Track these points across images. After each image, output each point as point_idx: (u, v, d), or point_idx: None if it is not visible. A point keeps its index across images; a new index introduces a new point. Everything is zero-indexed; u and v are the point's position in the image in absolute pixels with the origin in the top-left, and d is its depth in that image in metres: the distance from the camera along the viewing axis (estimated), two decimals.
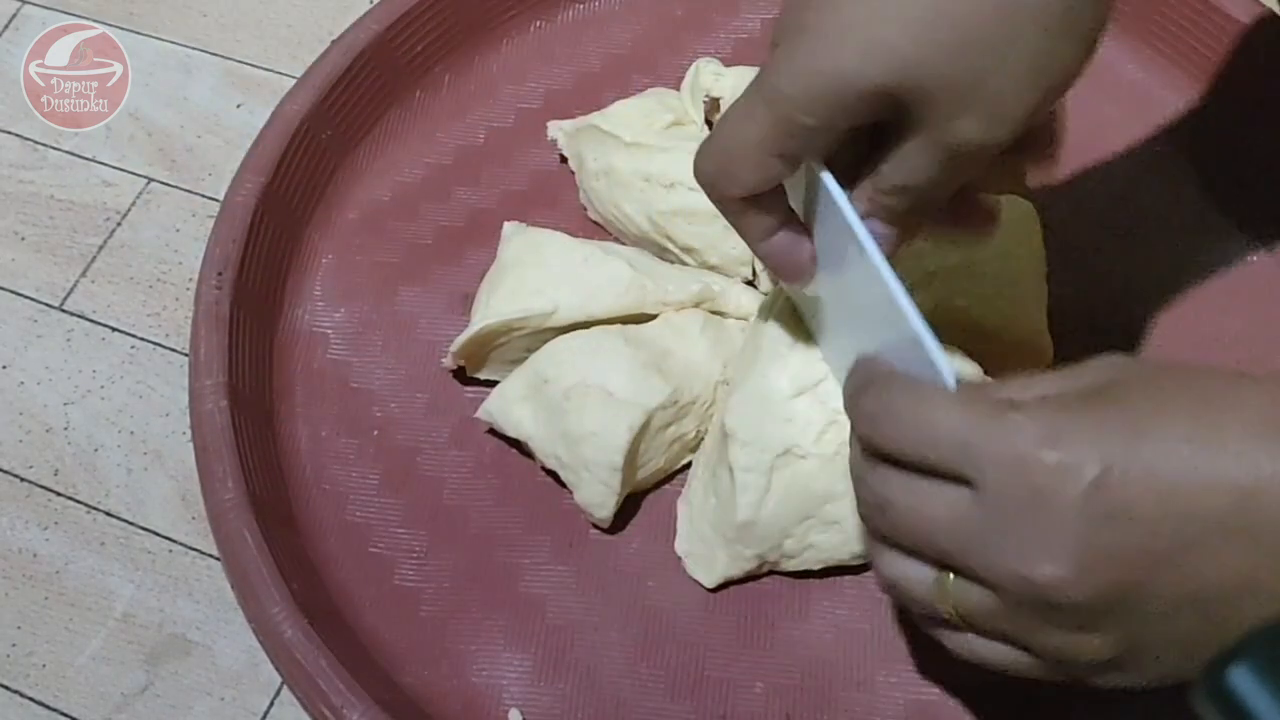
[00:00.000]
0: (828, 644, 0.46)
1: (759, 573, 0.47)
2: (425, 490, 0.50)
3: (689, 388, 0.48)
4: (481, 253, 0.54)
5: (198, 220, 0.71)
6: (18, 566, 0.60)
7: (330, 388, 0.52)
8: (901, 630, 0.46)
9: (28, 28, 0.78)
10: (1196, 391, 0.34)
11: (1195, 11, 0.56)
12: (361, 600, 0.47)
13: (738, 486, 0.44)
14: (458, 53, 0.60)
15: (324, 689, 0.42)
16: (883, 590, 0.39)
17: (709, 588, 0.47)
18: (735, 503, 0.44)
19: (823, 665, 0.46)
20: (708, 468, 0.47)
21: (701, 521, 0.47)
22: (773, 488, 0.44)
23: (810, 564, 0.46)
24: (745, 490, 0.44)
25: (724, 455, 0.45)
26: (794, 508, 0.45)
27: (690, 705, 0.45)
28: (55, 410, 0.65)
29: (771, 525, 0.45)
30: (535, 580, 0.48)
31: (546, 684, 0.46)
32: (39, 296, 0.68)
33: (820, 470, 0.44)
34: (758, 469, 0.44)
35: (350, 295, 0.55)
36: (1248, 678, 0.27)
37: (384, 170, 0.58)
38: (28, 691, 0.57)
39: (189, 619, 0.58)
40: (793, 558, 0.46)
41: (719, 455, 0.46)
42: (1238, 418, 0.33)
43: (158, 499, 0.62)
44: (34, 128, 0.74)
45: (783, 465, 0.44)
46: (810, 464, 0.44)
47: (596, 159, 0.53)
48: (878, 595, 0.47)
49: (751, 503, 0.44)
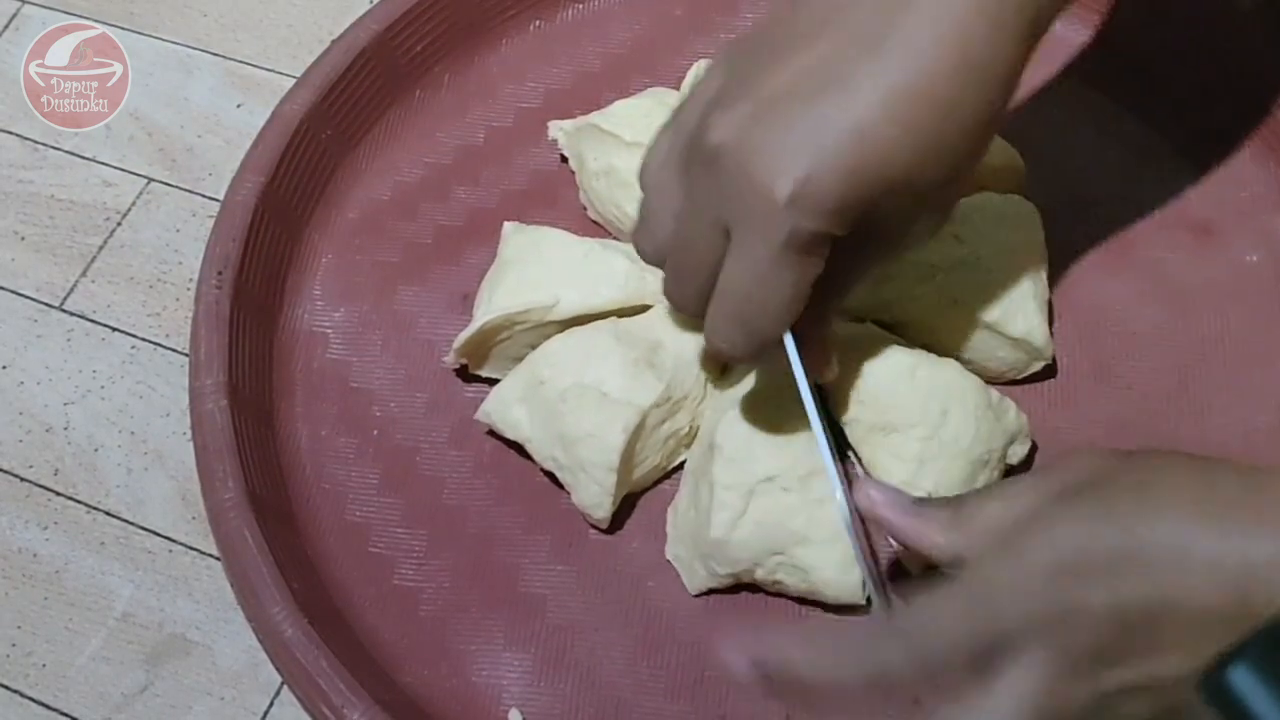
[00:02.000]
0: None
1: (740, 585, 0.47)
2: (425, 490, 0.50)
3: (681, 382, 0.48)
4: (481, 252, 0.54)
5: (198, 220, 0.71)
6: (18, 566, 0.60)
7: (330, 387, 0.52)
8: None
9: (28, 28, 0.78)
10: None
11: None
12: (361, 600, 0.47)
13: (714, 503, 0.44)
14: (457, 52, 0.60)
15: (324, 688, 0.42)
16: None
17: (692, 594, 0.47)
18: (710, 519, 0.44)
19: None
20: (693, 477, 0.47)
21: (684, 530, 0.47)
22: (749, 512, 0.44)
23: (787, 591, 0.46)
24: (722, 508, 0.44)
25: (707, 468, 0.45)
26: (766, 538, 0.44)
27: (689, 705, 0.45)
28: (55, 410, 0.65)
29: (742, 550, 0.44)
30: (535, 580, 0.48)
31: (546, 684, 0.46)
32: (39, 296, 0.68)
33: (799, 508, 0.44)
34: (737, 489, 0.44)
35: (350, 295, 0.55)
36: (1248, 678, 0.27)
37: (384, 170, 0.58)
38: (28, 691, 0.57)
39: (189, 619, 0.58)
40: (766, 583, 0.46)
41: (703, 468, 0.46)
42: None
43: (158, 499, 0.62)
44: (34, 128, 0.74)
45: (763, 492, 0.44)
46: (791, 499, 0.44)
47: (597, 159, 0.53)
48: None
49: (724, 521, 0.44)
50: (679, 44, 0.61)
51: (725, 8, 0.62)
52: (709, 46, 0.60)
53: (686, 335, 0.48)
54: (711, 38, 0.61)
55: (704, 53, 0.58)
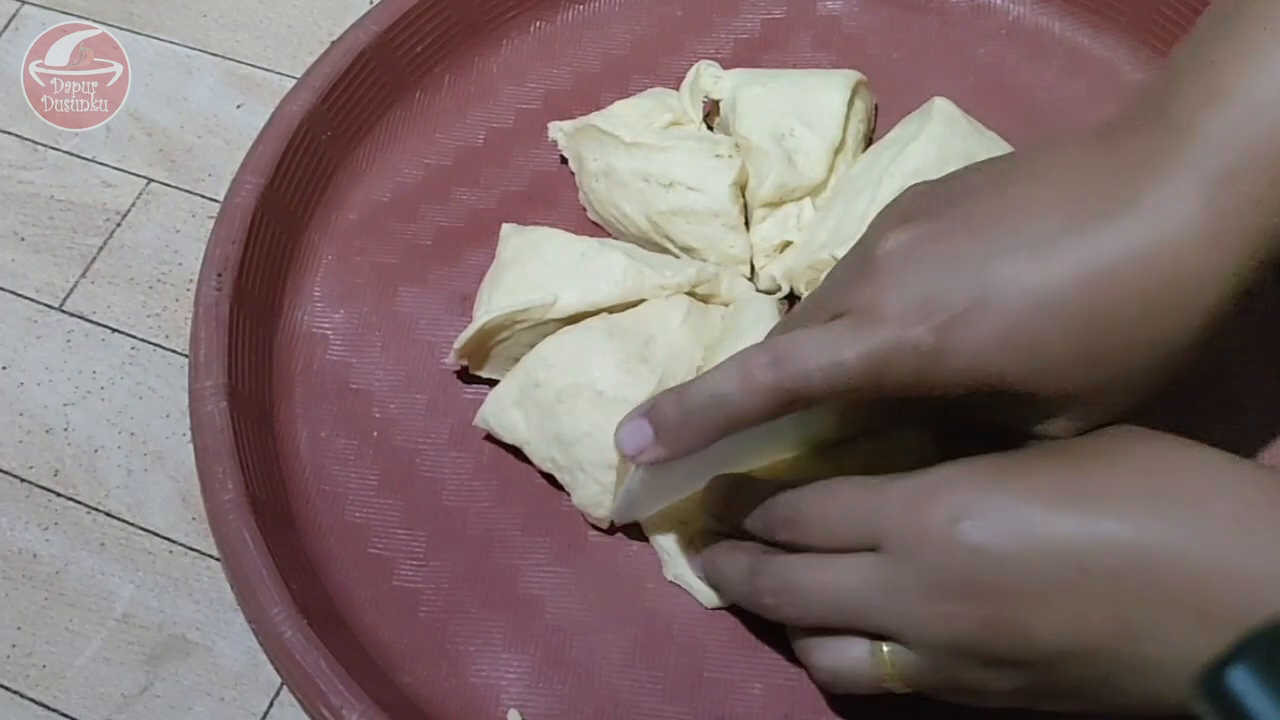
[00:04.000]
0: None
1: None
2: (425, 491, 0.50)
3: (674, 374, 0.48)
4: (481, 253, 0.54)
5: (198, 221, 0.71)
6: (18, 567, 0.60)
7: (330, 389, 0.52)
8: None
9: (28, 28, 0.78)
10: (1074, 454, 0.36)
11: (1196, 12, 0.56)
12: (361, 601, 0.48)
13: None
14: (458, 53, 0.60)
15: (323, 689, 0.42)
16: (824, 685, 0.40)
17: (709, 608, 0.47)
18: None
19: None
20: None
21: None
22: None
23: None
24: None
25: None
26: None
27: (688, 706, 0.45)
28: (55, 411, 0.65)
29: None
30: (534, 581, 0.48)
31: (545, 685, 0.46)
32: (39, 297, 0.68)
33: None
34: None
35: (350, 296, 0.55)
36: (1247, 678, 0.27)
37: (384, 171, 0.58)
38: (27, 692, 0.57)
39: (189, 619, 0.58)
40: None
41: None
42: (1106, 477, 0.35)
43: (158, 500, 0.62)
44: (34, 128, 0.74)
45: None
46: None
47: (596, 159, 0.53)
48: None
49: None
50: (679, 45, 0.61)
51: (725, 8, 0.62)
52: (709, 47, 0.60)
53: (677, 329, 0.48)
54: (711, 38, 0.61)
55: (704, 53, 0.58)
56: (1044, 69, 0.59)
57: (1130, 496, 0.34)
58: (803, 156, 0.52)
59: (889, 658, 0.37)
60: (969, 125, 0.52)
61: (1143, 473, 0.34)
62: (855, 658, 0.38)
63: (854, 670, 0.38)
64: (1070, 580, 0.33)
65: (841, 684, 0.39)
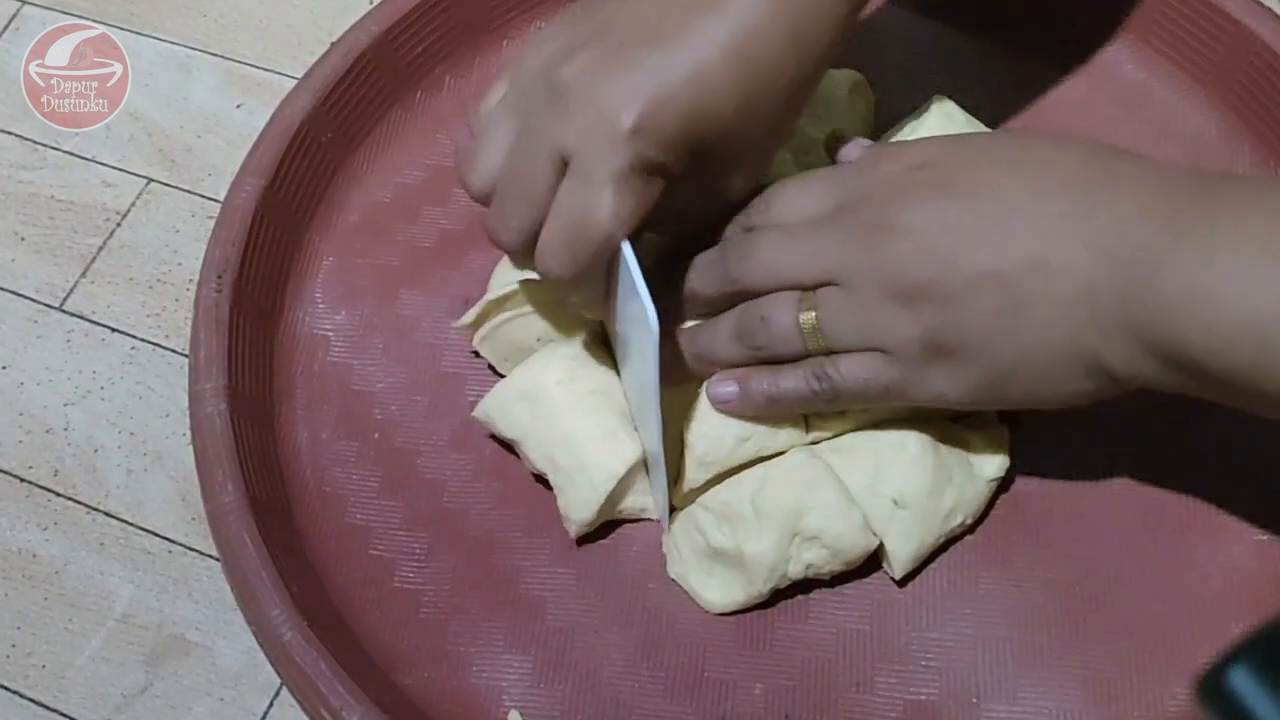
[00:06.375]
0: (827, 644, 0.46)
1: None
2: (425, 492, 0.50)
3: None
4: (483, 255, 0.54)
5: (198, 221, 0.71)
6: (17, 567, 0.60)
7: (331, 390, 0.52)
8: (901, 630, 0.46)
9: (28, 28, 0.78)
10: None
11: (1195, 11, 0.56)
12: (361, 602, 0.48)
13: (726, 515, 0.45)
14: (458, 54, 0.60)
15: (323, 691, 0.42)
16: (740, 341, 0.44)
17: (717, 613, 0.47)
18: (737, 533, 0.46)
19: (822, 666, 0.46)
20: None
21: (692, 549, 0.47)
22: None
23: (821, 575, 0.47)
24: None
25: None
26: (780, 526, 0.46)
27: (689, 706, 0.45)
28: (55, 411, 0.65)
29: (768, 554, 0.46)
30: (535, 582, 0.48)
31: (546, 685, 0.46)
32: (39, 297, 0.68)
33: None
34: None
35: (351, 298, 0.55)
36: (1248, 679, 0.27)
37: (385, 172, 0.58)
38: (27, 692, 0.57)
39: (189, 619, 0.58)
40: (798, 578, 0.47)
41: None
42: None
43: (158, 499, 0.62)
44: (34, 128, 0.74)
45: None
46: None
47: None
48: (877, 596, 0.47)
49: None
50: None
51: None
52: None
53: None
54: None
55: None
56: (1046, 70, 0.59)
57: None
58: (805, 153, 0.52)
59: (818, 301, 0.42)
60: (967, 122, 0.52)
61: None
62: (784, 305, 0.43)
63: (779, 320, 0.43)
64: (1001, 219, 0.40)
65: (760, 345, 0.44)
